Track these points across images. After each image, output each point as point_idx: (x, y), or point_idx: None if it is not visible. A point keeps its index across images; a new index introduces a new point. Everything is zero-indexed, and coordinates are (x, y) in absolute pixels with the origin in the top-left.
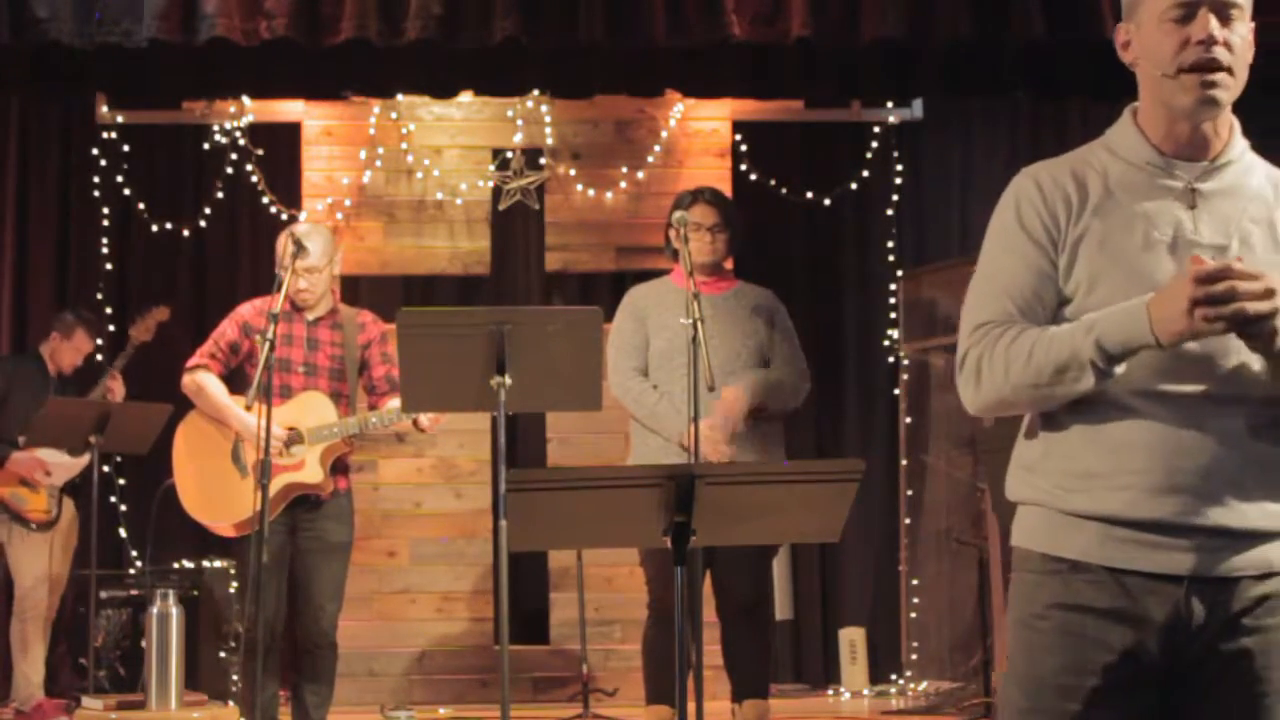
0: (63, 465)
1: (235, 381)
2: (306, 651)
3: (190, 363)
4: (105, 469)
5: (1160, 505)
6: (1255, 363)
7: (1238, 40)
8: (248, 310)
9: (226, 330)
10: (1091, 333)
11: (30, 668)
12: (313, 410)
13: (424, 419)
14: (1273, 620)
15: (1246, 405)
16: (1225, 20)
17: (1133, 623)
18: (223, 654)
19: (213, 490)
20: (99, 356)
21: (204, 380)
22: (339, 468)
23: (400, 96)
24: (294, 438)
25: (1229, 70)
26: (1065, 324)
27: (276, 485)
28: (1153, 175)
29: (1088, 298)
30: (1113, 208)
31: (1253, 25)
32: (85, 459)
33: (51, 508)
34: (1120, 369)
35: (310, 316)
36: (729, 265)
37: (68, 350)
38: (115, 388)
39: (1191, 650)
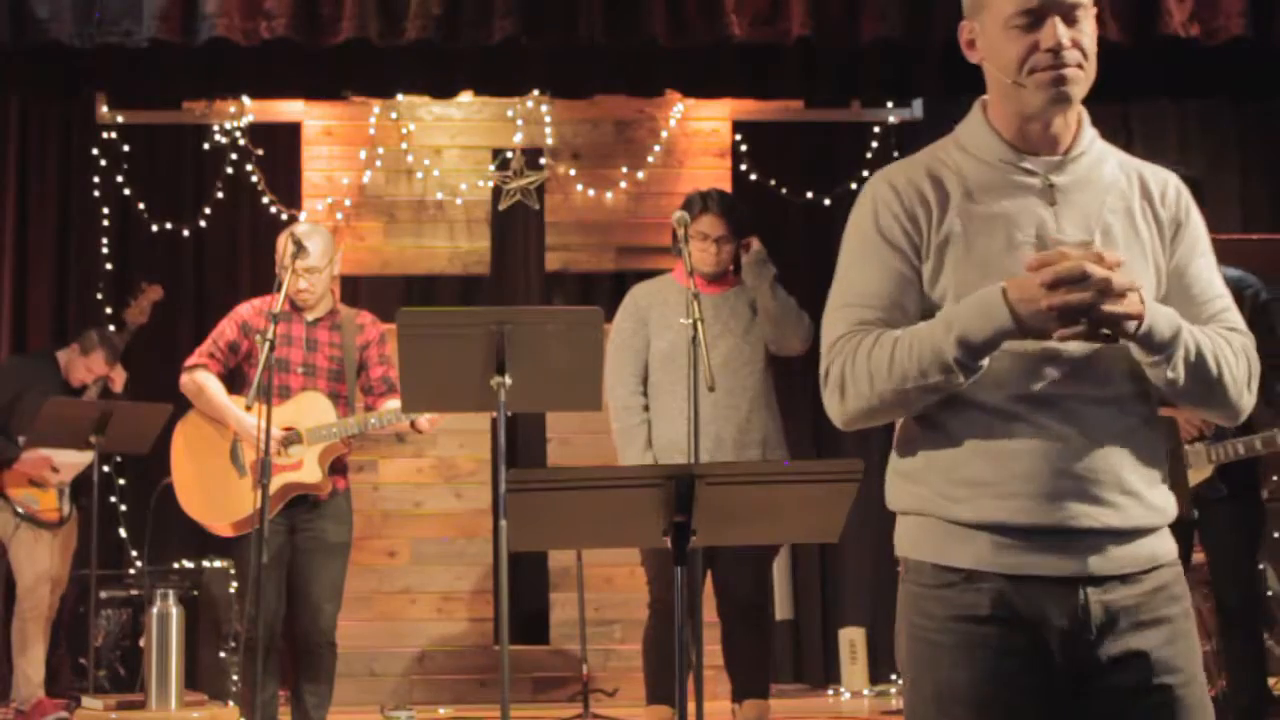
0: (69, 462)
1: (234, 381)
2: (306, 651)
3: (189, 362)
4: (105, 469)
5: (1048, 511)
6: (1129, 361)
7: (1085, 38)
8: (247, 310)
9: (226, 330)
10: (951, 330)
11: (30, 667)
12: (311, 410)
13: (422, 421)
14: (1171, 610)
15: (1122, 404)
16: (1071, 22)
17: (1035, 628)
18: (223, 654)
19: (211, 490)
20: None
21: (203, 380)
22: (337, 468)
23: (400, 96)
24: (292, 438)
25: (1079, 66)
26: (923, 323)
27: (275, 485)
28: (1007, 172)
29: (955, 305)
30: (973, 210)
31: (1095, 10)
32: (91, 454)
33: (62, 506)
34: (985, 362)
35: (310, 317)
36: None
37: (80, 366)
38: (115, 376)
39: (1098, 650)
